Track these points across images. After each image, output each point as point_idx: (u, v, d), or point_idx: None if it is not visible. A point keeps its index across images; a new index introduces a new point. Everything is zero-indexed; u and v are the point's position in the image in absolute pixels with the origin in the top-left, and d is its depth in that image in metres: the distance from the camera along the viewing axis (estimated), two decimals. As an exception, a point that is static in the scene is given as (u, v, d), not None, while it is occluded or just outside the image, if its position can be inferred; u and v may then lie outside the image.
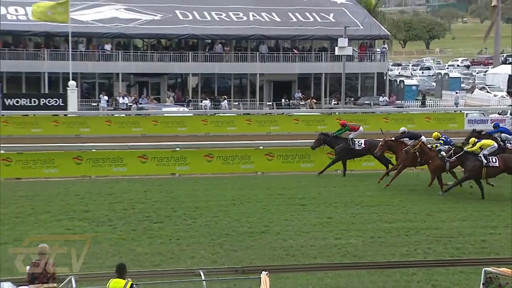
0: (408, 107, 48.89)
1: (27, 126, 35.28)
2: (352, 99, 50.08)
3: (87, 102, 45.43)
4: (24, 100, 38.19)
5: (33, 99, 38.38)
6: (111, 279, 10.65)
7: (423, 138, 23.19)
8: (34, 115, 36.77)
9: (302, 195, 21.58)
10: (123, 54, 48.13)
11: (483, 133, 25.13)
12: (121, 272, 10.74)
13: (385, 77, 52.52)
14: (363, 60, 52.37)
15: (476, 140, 21.81)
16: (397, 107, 47.71)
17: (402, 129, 24.17)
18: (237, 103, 49.05)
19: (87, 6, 49.04)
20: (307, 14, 52.61)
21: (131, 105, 44.64)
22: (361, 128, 25.90)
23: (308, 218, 18.96)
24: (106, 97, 45.49)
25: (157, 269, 14.24)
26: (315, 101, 48.75)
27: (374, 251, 15.85)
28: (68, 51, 41.85)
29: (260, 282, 11.25)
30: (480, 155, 21.10)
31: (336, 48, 46.49)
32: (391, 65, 73.13)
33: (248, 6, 52.21)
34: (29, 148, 26.23)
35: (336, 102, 48.89)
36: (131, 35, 49.26)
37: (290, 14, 52.46)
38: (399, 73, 73.38)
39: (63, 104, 38.42)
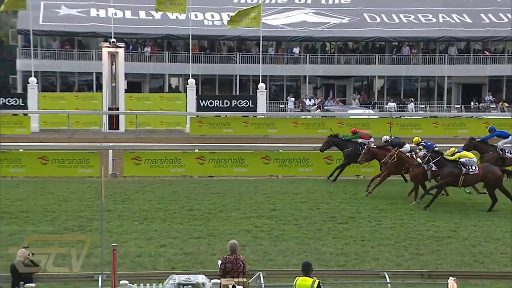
0: None
1: (219, 126, 36.95)
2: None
3: (275, 104, 46.68)
4: (217, 102, 39.79)
5: (225, 101, 39.90)
6: (297, 277, 10.88)
7: (406, 146, 22.50)
8: (226, 116, 38.28)
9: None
10: (310, 57, 48.92)
11: (477, 139, 23.80)
12: (307, 270, 10.96)
13: None
14: None
15: (457, 150, 20.90)
16: None
17: (385, 137, 23.89)
18: (423, 106, 48.17)
19: (278, 10, 50.35)
20: (500, 15, 50.45)
21: (321, 106, 45.23)
22: (372, 139, 25.02)
23: (499, 224, 18.33)
24: (293, 99, 46.46)
25: (342, 269, 14.44)
26: (506, 104, 46.69)
27: None
28: (259, 54, 43.22)
29: (447, 288, 11.12)
30: (459, 162, 20.29)
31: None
32: None
33: (437, 8, 50.98)
34: (221, 147, 27.45)
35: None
36: (319, 39, 49.92)
37: (483, 15, 50.57)
38: None
39: (253, 106, 39.67)
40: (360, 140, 24.86)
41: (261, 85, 40.21)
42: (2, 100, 37.85)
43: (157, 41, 50.21)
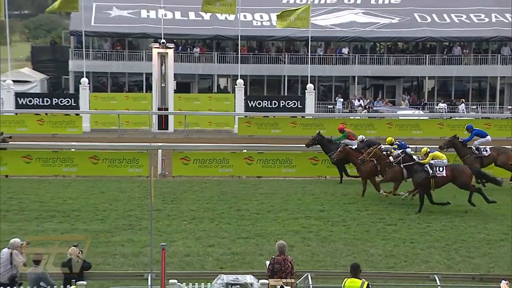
0: None
1: (267, 127, 36.98)
2: None
3: (323, 104, 46.52)
4: (265, 102, 39.84)
5: (273, 101, 39.91)
6: (346, 278, 10.86)
7: (381, 147, 22.05)
8: (274, 116, 38.29)
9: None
10: (359, 57, 48.63)
11: (460, 140, 23.32)
12: (356, 271, 10.92)
13: None
14: None
15: (429, 150, 20.62)
16: None
17: (361, 137, 23.73)
18: (475, 107, 47.43)
19: (327, 11, 50.17)
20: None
21: (369, 107, 44.97)
22: (361, 136, 24.48)
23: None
24: (341, 100, 46.24)
25: (391, 271, 14.31)
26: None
27: None
28: (307, 55, 43.12)
29: (499, 291, 10.94)
30: (426, 165, 20.01)
31: None
32: None
33: (490, 7, 50.16)
34: (269, 148, 27.47)
35: None
36: (368, 39, 49.57)
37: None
38: None
39: (301, 106, 39.61)
40: (346, 141, 24.43)
41: (310, 86, 40.11)
42: (55, 101, 38.57)
43: (206, 41, 50.51)
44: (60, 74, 50.48)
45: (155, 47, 38.32)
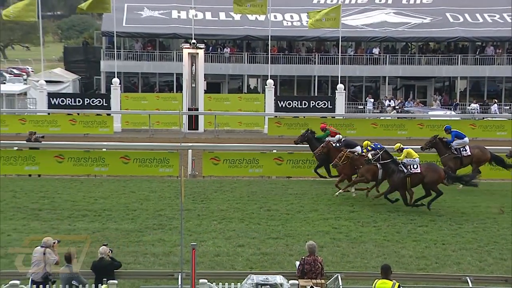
0: None
1: (297, 127, 36.73)
2: None
3: (354, 105, 46.33)
4: (295, 102, 39.83)
5: (303, 102, 39.87)
6: (376, 280, 10.78)
7: (358, 148, 22.02)
8: (304, 116, 38.20)
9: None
10: (390, 57, 48.34)
11: (443, 139, 23.29)
12: (386, 273, 10.84)
13: None
14: None
15: (402, 146, 20.97)
16: None
17: (338, 136, 23.74)
18: (508, 107, 46.87)
19: (357, 11, 49.98)
20: None
21: (397, 108, 44.69)
22: (338, 135, 24.31)
23: None
24: (372, 100, 46.01)
25: (422, 272, 14.21)
26: None
27: None
28: (338, 55, 42.99)
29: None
30: (400, 164, 20.24)
31: None
32: None
33: (524, 6, 49.55)
34: (299, 148, 27.33)
35: None
36: (399, 39, 49.28)
37: None
38: None
39: (331, 107, 39.50)
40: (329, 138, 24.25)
41: (340, 86, 39.98)
42: (87, 101, 38.93)
43: (236, 42, 50.62)
44: (92, 74, 50.95)
45: (186, 48, 38.48)
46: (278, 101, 39.64)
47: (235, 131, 38.18)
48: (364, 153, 21.31)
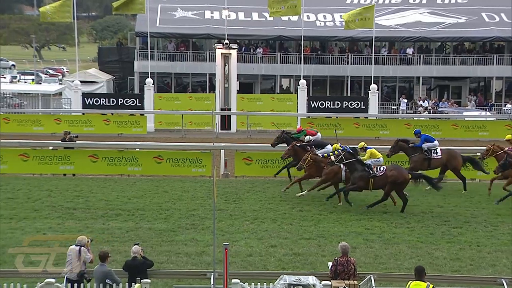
0: None
1: (330, 127, 36.64)
2: None
3: (387, 105, 46.05)
4: (328, 103, 39.73)
5: (336, 102, 39.76)
6: (410, 281, 10.70)
7: (328, 147, 21.82)
8: (337, 117, 38.08)
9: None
10: (424, 57, 47.96)
11: (410, 145, 22.92)
12: (420, 274, 10.76)
13: None
14: None
15: (366, 146, 20.99)
16: None
17: (307, 137, 23.39)
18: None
19: (391, 11, 49.70)
20: None
21: (431, 109, 44.32)
22: (318, 134, 24.19)
23: None
24: (405, 100, 45.68)
25: (456, 274, 14.07)
26: None
27: None
28: (371, 55, 42.77)
29: None
30: (366, 166, 20.13)
31: None
32: None
33: None
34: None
35: None
36: (433, 39, 48.86)
37: None
38: None
39: (364, 107, 39.32)
40: (306, 138, 23.73)
41: (373, 86, 39.76)
42: (121, 101, 39.24)
43: (269, 42, 50.63)
44: (126, 74, 51.35)
45: (219, 48, 38.60)
46: (311, 102, 39.57)
47: (267, 131, 38.14)
48: (329, 155, 21.26)
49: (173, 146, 28.07)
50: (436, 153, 23.12)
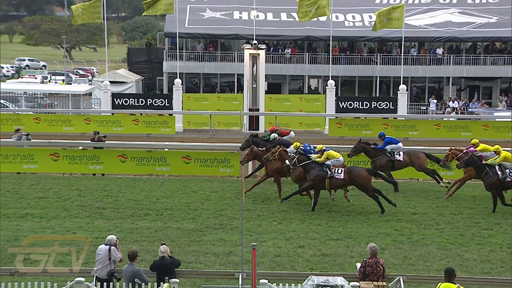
0: None
1: (358, 128, 36.56)
2: None
3: (416, 106, 45.71)
4: (356, 103, 39.56)
5: (365, 102, 39.58)
6: (440, 283, 10.63)
7: (291, 148, 21.61)
8: (365, 117, 37.90)
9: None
10: (454, 57, 47.53)
11: (371, 146, 22.65)
12: (450, 276, 10.67)
13: None
14: None
15: (325, 148, 20.79)
16: None
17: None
18: None
19: (421, 10, 49.34)
20: None
21: (459, 110, 43.90)
22: (292, 133, 24.26)
23: None
24: (435, 101, 45.30)
25: (487, 276, 13.93)
26: None
27: None
28: (400, 55, 42.49)
29: None
30: (325, 166, 20.04)
31: None
32: None
33: None
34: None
35: None
36: (463, 39, 48.41)
37: None
38: None
39: (393, 108, 39.07)
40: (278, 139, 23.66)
41: (402, 87, 39.50)
42: (149, 101, 39.45)
43: (297, 42, 50.54)
44: (155, 75, 51.61)
45: (247, 48, 38.54)
46: (339, 102, 39.42)
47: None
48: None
49: (201, 146, 28.16)
50: (399, 155, 23.01)
